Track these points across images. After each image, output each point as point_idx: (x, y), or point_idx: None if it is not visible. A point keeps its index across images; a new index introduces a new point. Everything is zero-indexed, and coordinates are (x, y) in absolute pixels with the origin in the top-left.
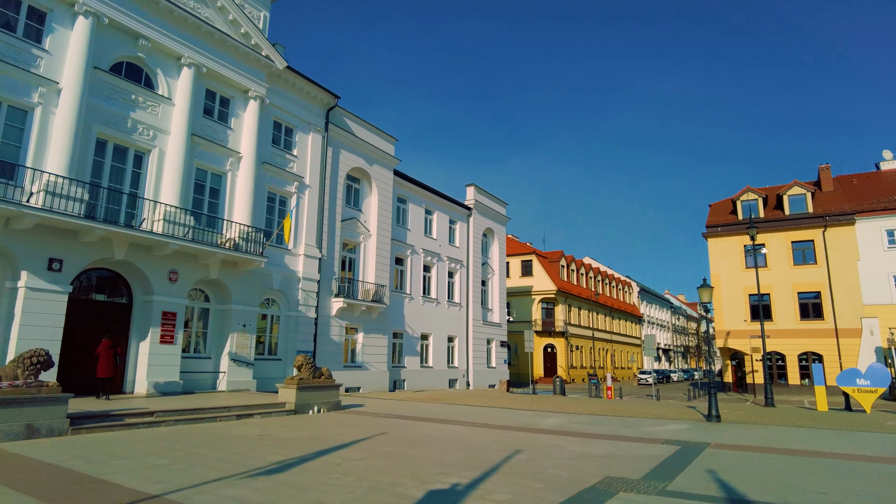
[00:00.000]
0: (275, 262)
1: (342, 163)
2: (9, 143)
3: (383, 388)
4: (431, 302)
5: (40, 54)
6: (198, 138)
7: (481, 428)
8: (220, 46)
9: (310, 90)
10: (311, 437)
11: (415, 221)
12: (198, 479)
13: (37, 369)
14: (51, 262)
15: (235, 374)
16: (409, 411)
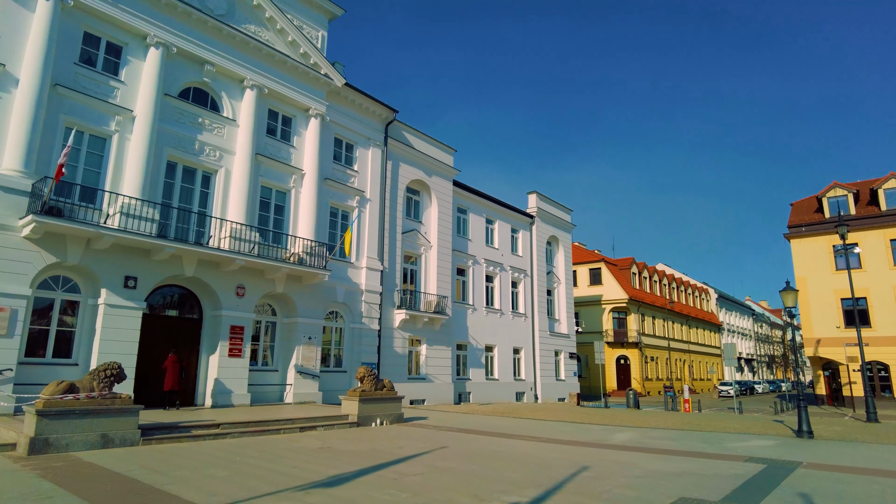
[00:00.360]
0: (338, 276)
1: (401, 175)
2: (90, 170)
3: (448, 401)
4: (495, 313)
5: (117, 85)
6: (262, 157)
7: (547, 443)
8: (281, 67)
9: (368, 105)
10: (370, 451)
11: (475, 231)
12: (252, 493)
13: (110, 382)
14: (126, 280)
15: (301, 386)
16: (472, 424)
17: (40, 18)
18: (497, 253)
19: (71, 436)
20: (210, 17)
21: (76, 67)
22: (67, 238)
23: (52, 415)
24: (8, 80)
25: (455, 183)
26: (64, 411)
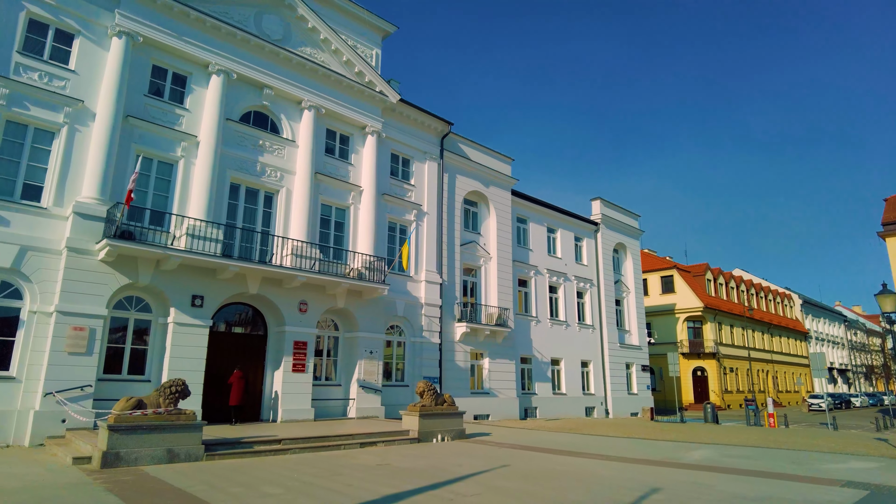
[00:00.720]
0: (398, 290)
1: (458, 187)
2: (159, 194)
3: (513, 416)
4: (560, 324)
5: (182, 113)
6: (321, 176)
7: (614, 461)
8: (337, 87)
9: (423, 120)
10: (428, 468)
11: (536, 241)
12: None
13: (175, 398)
14: (194, 299)
15: (364, 400)
16: (536, 441)
17: (114, 56)
18: (560, 262)
19: (139, 450)
20: (267, 42)
21: (146, 98)
22: (139, 260)
23: (122, 430)
24: (86, 115)
25: (513, 192)
26: (133, 426)
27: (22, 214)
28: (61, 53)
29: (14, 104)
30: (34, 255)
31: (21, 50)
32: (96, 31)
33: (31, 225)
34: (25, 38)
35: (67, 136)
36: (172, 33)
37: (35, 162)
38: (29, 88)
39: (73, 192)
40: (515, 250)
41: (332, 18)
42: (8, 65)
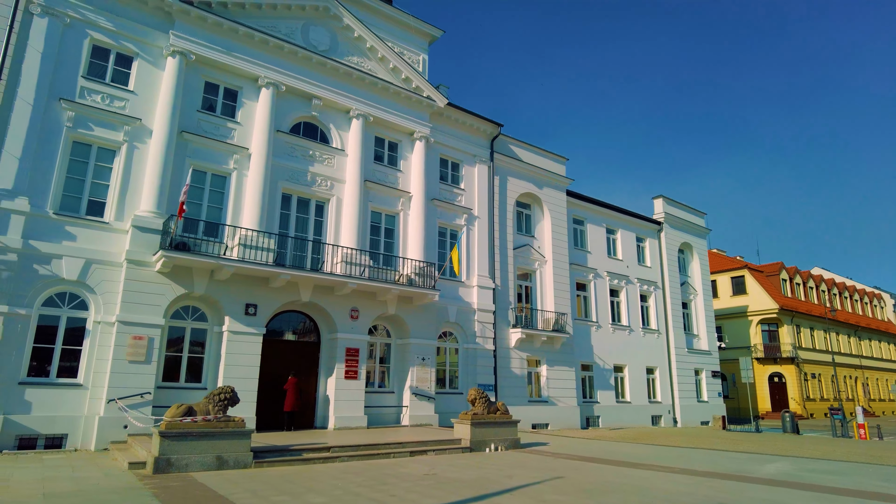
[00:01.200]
0: (449, 295)
1: (510, 190)
2: (213, 206)
3: (574, 425)
4: (623, 329)
5: (234, 126)
6: (370, 183)
7: (679, 474)
8: (384, 94)
9: (472, 123)
10: (476, 479)
11: (595, 243)
12: None
13: (224, 405)
14: (247, 307)
15: (417, 408)
16: (596, 452)
17: (168, 75)
18: (621, 265)
19: (189, 456)
20: (314, 53)
21: (199, 114)
22: (194, 270)
23: (173, 436)
24: (143, 133)
25: (569, 193)
26: (183, 433)
27: (87, 229)
28: (121, 75)
29: (79, 126)
30: (98, 267)
31: (85, 74)
32: (152, 52)
33: (95, 239)
34: (90, 63)
35: (127, 153)
36: (222, 50)
37: (98, 179)
38: (92, 110)
39: (133, 207)
40: (572, 253)
41: (378, 26)
42: (74, 89)
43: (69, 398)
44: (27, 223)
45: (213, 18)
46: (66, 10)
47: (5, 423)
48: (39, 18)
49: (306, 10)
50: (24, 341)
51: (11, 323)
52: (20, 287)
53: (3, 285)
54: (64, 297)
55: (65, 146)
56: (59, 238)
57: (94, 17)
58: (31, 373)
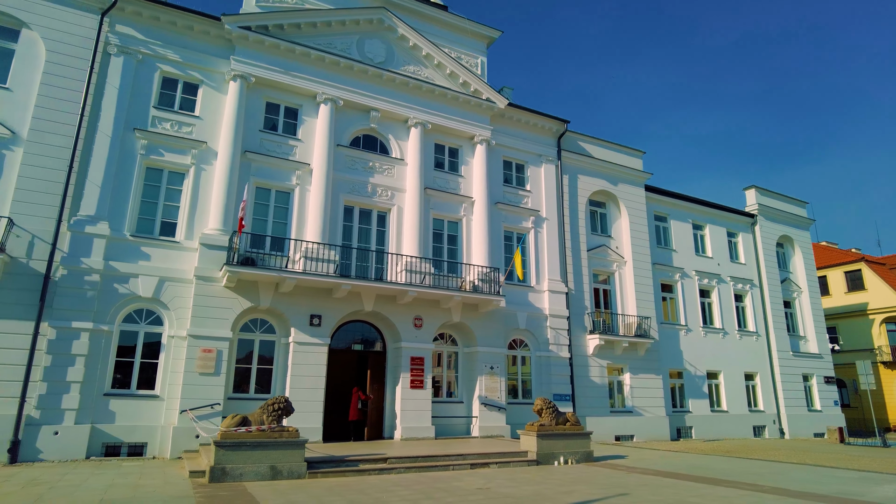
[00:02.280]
0: (518, 301)
1: (581, 188)
2: (278, 222)
3: (662, 437)
4: (716, 332)
5: (295, 144)
6: (431, 191)
7: (769, 495)
8: (442, 100)
9: (536, 121)
10: (531, 495)
11: (680, 240)
12: None
13: (278, 415)
14: (311, 318)
15: (487, 418)
16: (678, 466)
17: (231, 98)
18: (711, 262)
19: (244, 466)
20: (370, 65)
21: (261, 134)
22: (259, 284)
23: (227, 446)
24: (210, 155)
25: (648, 188)
26: (237, 443)
27: (160, 249)
28: (188, 102)
29: (151, 152)
30: (170, 284)
31: (156, 104)
32: (215, 78)
33: (168, 258)
34: (160, 94)
35: (195, 175)
36: (281, 70)
37: (169, 201)
38: (163, 137)
39: (202, 225)
40: (655, 252)
41: (433, 33)
42: (146, 119)
43: (148, 409)
44: (108, 246)
45: (270, 41)
46: (138, 47)
47: (93, 431)
48: (116, 58)
49: (360, 24)
50: (108, 355)
51: (96, 339)
52: (102, 305)
53: (88, 304)
54: (141, 313)
55: (139, 172)
56: (136, 258)
57: (162, 52)
58: (115, 385)
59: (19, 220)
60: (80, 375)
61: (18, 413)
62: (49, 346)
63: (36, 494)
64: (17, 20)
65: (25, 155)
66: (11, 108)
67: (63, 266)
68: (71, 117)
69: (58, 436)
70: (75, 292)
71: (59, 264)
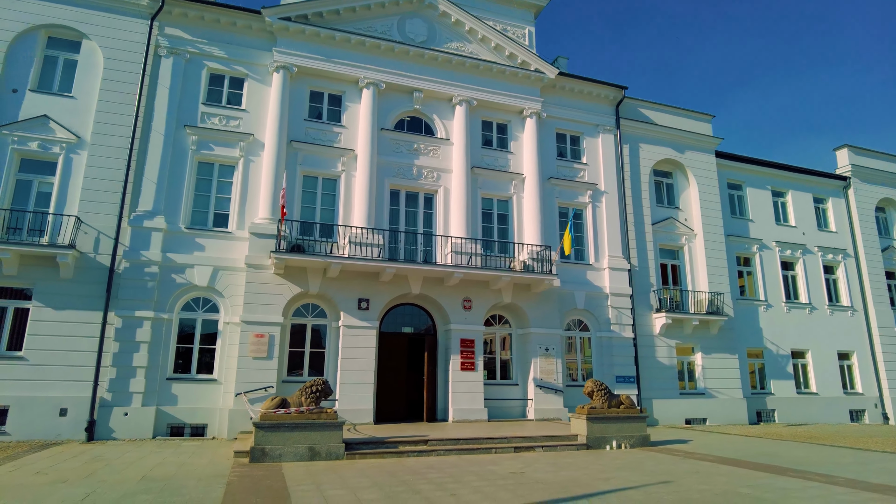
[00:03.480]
0: (575, 280)
1: (643, 158)
2: (326, 209)
3: (739, 420)
4: (801, 308)
5: (339, 130)
6: (478, 169)
7: (840, 487)
8: (488, 75)
9: (591, 90)
10: (566, 481)
11: (758, 209)
12: None
13: (316, 397)
14: (360, 302)
15: (543, 401)
16: (744, 453)
17: (275, 89)
18: (794, 232)
19: (283, 447)
20: (411, 46)
21: (306, 123)
22: (308, 270)
23: (266, 427)
24: (257, 146)
25: (719, 154)
26: (276, 424)
27: (213, 240)
28: (235, 97)
29: (202, 147)
30: (224, 273)
31: (205, 101)
32: (260, 71)
33: (221, 248)
34: (208, 90)
35: (244, 167)
36: (322, 57)
37: (221, 193)
38: (212, 132)
39: (252, 215)
40: (729, 223)
41: (476, 7)
42: (196, 115)
43: (207, 392)
44: (165, 238)
45: (310, 29)
46: (186, 47)
47: (158, 413)
48: (165, 59)
49: (400, 4)
50: (169, 342)
51: (157, 326)
52: (162, 295)
53: (149, 294)
54: (198, 301)
55: (191, 167)
56: (191, 249)
57: (208, 49)
58: (177, 370)
59: (86, 217)
60: (145, 361)
61: (93, 395)
62: (116, 333)
63: (92, 469)
64: (78, 32)
65: (89, 157)
66: (76, 115)
67: (125, 259)
68: (128, 119)
69: (127, 417)
70: (137, 283)
71: (122, 258)
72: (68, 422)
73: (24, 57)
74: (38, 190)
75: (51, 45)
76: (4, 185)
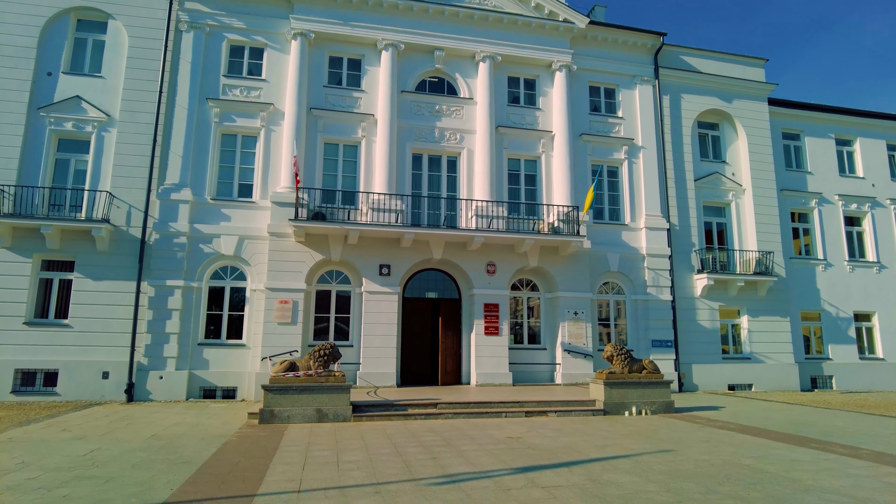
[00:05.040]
0: (609, 242)
1: (686, 109)
2: (347, 175)
3: (790, 387)
4: (868, 267)
5: (359, 95)
6: (503, 129)
7: (858, 460)
8: (512, 28)
9: (626, 38)
10: (561, 447)
11: (819, 160)
12: (337, 483)
13: (325, 360)
14: (381, 268)
15: (571, 366)
16: (775, 422)
17: (293, 57)
18: (862, 184)
19: (291, 409)
20: (430, 3)
21: (325, 90)
22: (329, 237)
23: (275, 390)
24: (278, 116)
25: (773, 102)
26: (284, 387)
27: (239, 210)
28: (255, 67)
29: (225, 119)
30: (249, 242)
31: (226, 73)
32: (278, 40)
33: (246, 217)
34: (229, 62)
35: (265, 137)
36: (339, 21)
37: (245, 164)
38: (234, 104)
39: (274, 184)
40: (783, 176)
41: None
42: (218, 88)
43: (236, 356)
44: (192, 210)
45: None
46: (205, 20)
47: (191, 376)
48: (186, 34)
49: None
50: (199, 309)
51: (188, 294)
52: (191, 264)
53: (178, 264)
54: (226, 270)
55: (215, 139)
56: (218, 220)
57: (228, 21)
58: (208, 335)
59: (118, 192)
60: (177, 327)
61: (130, 360)
62: (150, 302)
63: (113, 428)
64: (104, 13)
65: (119, 134)
66: (106, 95)
67: (155, 231)
68: (153, 95)
69: (162, 380)
70: (167, 254)
71: (152, 230)
72: (110, 384)
73: (57, 41)
74: (75, 168)
75: (80, 28)
76: (45, 164)
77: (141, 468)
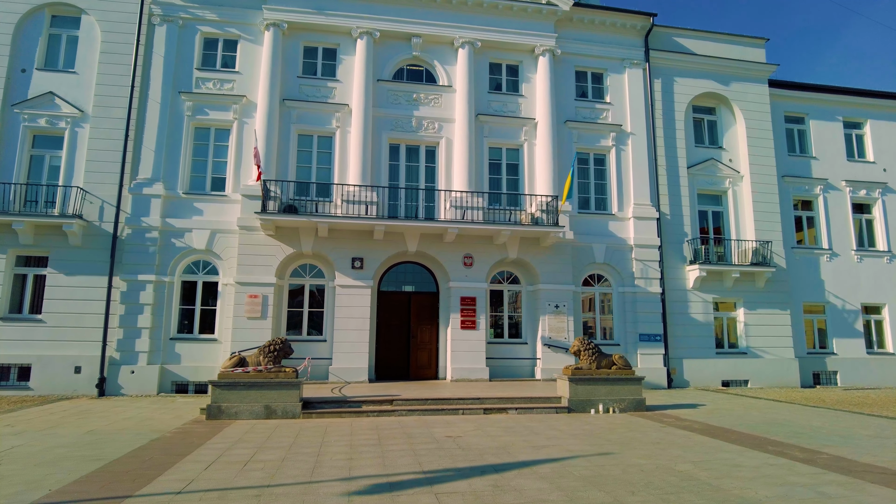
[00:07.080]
0: (594, 232)
1: (679, 93)
2: (322, 167)
3: (790, 383)
4: (878, 257)
5: (334, 85)
6: (484, 117)
7: (807, 465)
8: (493, 12)
9: (614, 20)
10: (494, 448)
11: (824, 144)
12: (227, 484)
13: (275, 356)
14: (353, 261)
15: (551, 360)
16: (751, 422)
17: (266, 48)
18: (873, 169)
19: (239, 405)
20: None
21: (299, 80)
22: (300, 230)
23: (223, 385)
24: (251, 108)
25: (774, 83)
26: (232, 383)
27: (211, 203)
28: (229, 59)
29: (198, 112)
30: (221, 236)
31: (199, 66)
32: (252, 31)
33: (218, 211)
34: (203, 55)
35: (238, 129)
36: (312, 10)
37: (218, 157)
38: (206, 97)
39: (247, 178)
40: (784, 162)
41: None
42: (191, 81)
43: (208, 351)
44: (164, 204)
45: None
46: (178, 13)
47: (163, 371)
48: (159, 27)
49: None
50: (172, 304)
51: (160, 289)
52: (164, 259)
53: (150, 258)
54: (199, 264)
55: (188, 133)
56: (190, 214)
57: (201, 13)
58: (181, 330)
59: (91, 188)
60: (149, 322)
61: (102, 355)
62: (122, 296)
63: (63, 422)
64: (77, 8)
65: (92, 129)
66: (80, 90)
67: (128, 226)
68: (125, 90)
69: (134, 374)
70: (139, 248)
71: (125, 224)
72: (83, 379)
73: (31, 37)
74: (49, 164)
75: (54, 24)
76: (20, 160)
77: (45, 466)
